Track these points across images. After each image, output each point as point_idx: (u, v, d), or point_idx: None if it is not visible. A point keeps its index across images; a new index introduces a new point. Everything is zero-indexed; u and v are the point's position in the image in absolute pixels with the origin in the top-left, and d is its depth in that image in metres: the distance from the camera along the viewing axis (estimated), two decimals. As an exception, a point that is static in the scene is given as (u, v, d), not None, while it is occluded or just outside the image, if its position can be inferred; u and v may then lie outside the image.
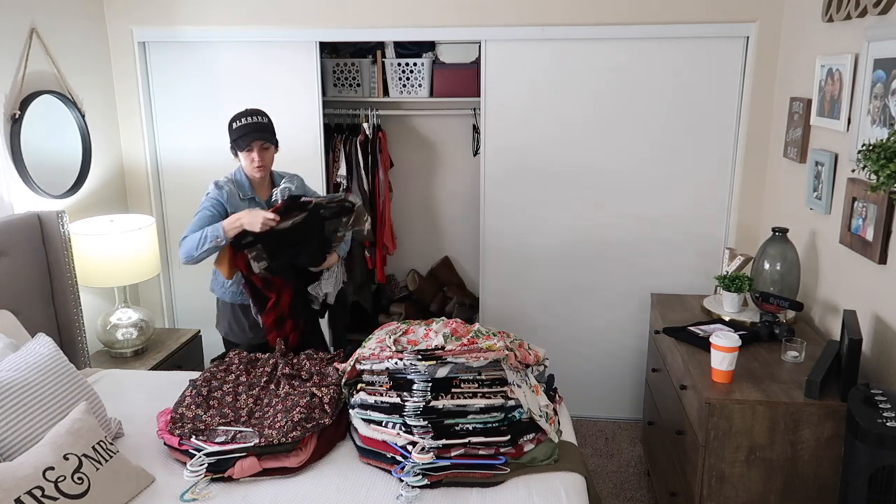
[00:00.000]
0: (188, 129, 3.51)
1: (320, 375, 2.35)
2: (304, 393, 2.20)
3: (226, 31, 3.33)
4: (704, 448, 2.15)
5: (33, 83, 2.85)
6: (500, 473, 2.01)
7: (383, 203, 3.87)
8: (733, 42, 3.14)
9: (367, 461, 2.09)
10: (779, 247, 2.61)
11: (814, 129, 2.67)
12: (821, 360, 2.20)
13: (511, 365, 2.17)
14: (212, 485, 1.97)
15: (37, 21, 2.87)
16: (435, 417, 2.04)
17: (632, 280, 3.44)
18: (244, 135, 2.64)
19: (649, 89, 3.23)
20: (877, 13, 2.15)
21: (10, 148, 2.73)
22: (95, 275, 2.94)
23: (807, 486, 2.13)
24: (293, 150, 3.47)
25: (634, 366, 3.54)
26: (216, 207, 2.66)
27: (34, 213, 2.75)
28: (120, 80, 3.43)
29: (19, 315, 2.54)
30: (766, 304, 2.56)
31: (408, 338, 2.27)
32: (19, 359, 2.09)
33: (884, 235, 2.09)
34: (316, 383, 2.27)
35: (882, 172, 1.68)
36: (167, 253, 3.67)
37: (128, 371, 2.82)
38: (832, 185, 2.47)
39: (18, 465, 1.73)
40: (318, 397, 2.19)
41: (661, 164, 3.30)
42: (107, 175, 3.40)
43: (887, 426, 1.67)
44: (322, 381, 2.29)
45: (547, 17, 3.17)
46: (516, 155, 3.36)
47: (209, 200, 2.68)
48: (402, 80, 3.66)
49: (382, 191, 3.86)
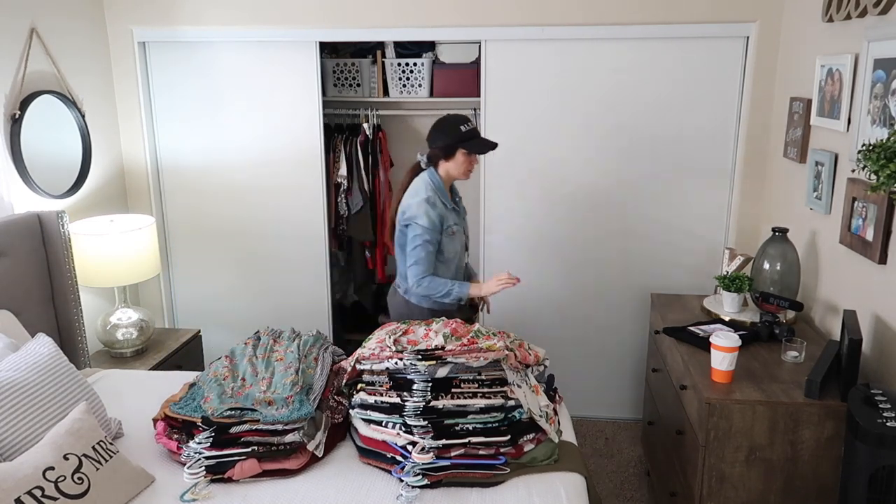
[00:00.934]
0: (188, 129, 3.51)
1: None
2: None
3: (226, 31, 3.33)
4: (704, 448, 2.15)
5: (33, 83, 2.85)
6: (500, 473, 2.01)
7: (383, 203, 3.87)
8: (733, 42, 3.14)
9: (367, 461, 2.09)
10: (779, 247, 2.61)
11: (814, 129, 2.67)
12: (821, 360, 2.19)
13: (511, 365, 2.17)
14: (211, 485, 1.97)
15: (37, 21, 2.87)
16: (435, 417, 2.04)
17: (632, 280, 3.44)
18: (480, 141, 2.66)
19: (649, 89, 3.23)
20: (877, 13, 2.15)
21: (10, 148, 2.73)
22: (95, 275, 2.94)
23: (807, 486, 2.13)
24: (294, 151, 3.48)
25: (634, 366, 3.54)
26: (436, 234, 2.61)
27: (34, 213, 2.75)
28: (120, 80, 3.43)
29: (19, 315, 2.54)
30: (766, 304, 2.56)
31: (408, 338, 2.27)
32: (19, 359, 2.09)
33: (884, 235, 2.09)
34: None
35: (882, 172, 1.68)
36: (167, 253, 3.67)
37: (128, 371, 2.82)
38: (832, 185, 2.47)
39: (18, 465, 1.72)
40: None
41: (661, 163, 3.30)
42: (107, 175, 3.40)
43: (887, 426, 1.67)
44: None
45: (547, 17, 3.17)
46: (516, 155, 3.36)
47: (429, 233, 2.58)
48: (402, 80, 3.66)
49: (383, 191, 3.86)
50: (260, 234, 3.60)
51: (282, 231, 3.58)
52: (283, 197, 3.53)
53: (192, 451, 2.01)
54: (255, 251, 3.63)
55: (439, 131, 2.65)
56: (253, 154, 3.50)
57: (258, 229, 3.60)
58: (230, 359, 2.37)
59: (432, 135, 2.67)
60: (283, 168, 3.50)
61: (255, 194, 3.55)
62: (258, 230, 3.60)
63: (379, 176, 3.83)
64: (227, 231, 3.62)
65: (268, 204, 3.55)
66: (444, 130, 2.64)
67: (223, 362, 2.35)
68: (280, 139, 3.48)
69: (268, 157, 3.50)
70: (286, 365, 2.28)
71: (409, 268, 2.63)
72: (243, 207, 3.57)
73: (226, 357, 2.38)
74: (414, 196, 2.63)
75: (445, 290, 2.62)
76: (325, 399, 2.23)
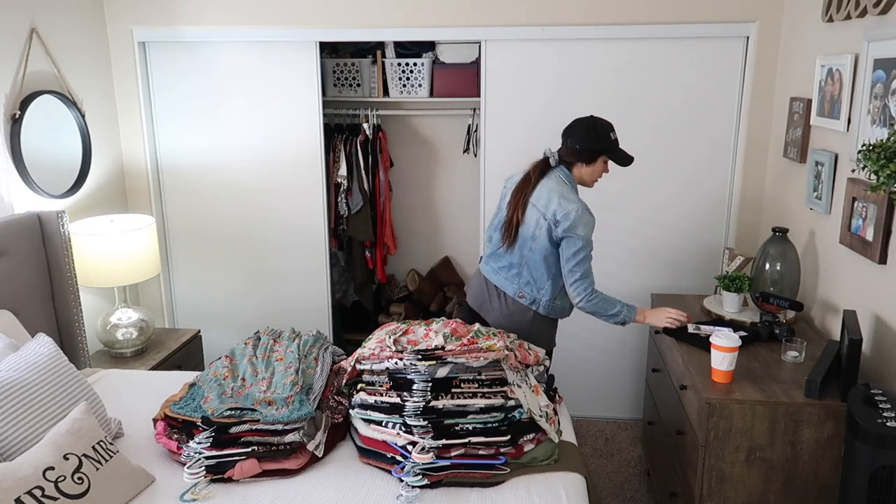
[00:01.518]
0: (188, 129, 3.51)
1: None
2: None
3: (226, 31, 3.33)
4: (704, 448, 2.15)
5: (33, 83, 2.85)
6: (500, 473, 2.01)
7: (383, 203, 3.87)
8: (733, 42, 3.14)
9: (367, 461, 2.09)
10: (779, 247, 2.61)
11: (814, 129, 2.67)
12: (821, 360, 2.20)
13: (511, 365, 2.17)
14: (211, 485, 1.97)
15: (37, 21, 2.87)
16: (435, 417, 2.04)
17: (632, 280, 3.44)
18: (624, 153, 2.50)
19: (649, 89, 3.23)
20: (877, 13, 2.15)
21: (10, 148, 2.73)
22: (95, 275, 2.94)
23: (807, 486, 2.13)
24: (294, 151, 3.48)
25: (634, 366, 3.54)
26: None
27: (34, 213, 2.75)
28: (120, 80, 3.43)
29: (19, 315, 2.54)
30: (766, 304, 2.56)
31: (408, 338, 2.27)
32: (19, 359, 2.09)
33: (884, 235, 2.09)
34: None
35: (882, 172, 1.68)
36: (167, 253, 3.67)
37: (128, 371, 2.82)
38: (832, 185, 2.47)
39: (18, 465, 1.72)
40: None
41: (661, 163, 3.30)
42: (107, 175, 3.40)
43: (887, 426, 1.67)
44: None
45: (547, 17, 3.17)
46: (516, 155, 3.35)
47: (590, 244, 2.42)
48: (402, 80, 3.66)
49: (383, 191, 3.86)
50: (260, 234, 3.60)
51: (282, 231, 3.58)
52: (283, 197, 3.53)
53: (192, 451, 2.01)
54: (255, 251, 3.63)
55: (590, 133, 2.45)
56: (253, 154, 3.50)
57: (258, 229, 3.60)
58: (230, 359, 2.37)
59: (575, 135, 2.47)
60: (283, 168, 3.50)
61: (255, 194, 3.55)
62: (258, 230, 3.60)
63: (379, 176, 3.83)
64: (227, 231, 3.62)
65: (268, 204, 3.55)
66: (595, 134, 2.45)
67: (223, 362, 2.35)
68: (280, 139, 3.48)
69: (268, 157, 3.50)
70: (286, 365, 2.28)
71: (577, 282, 2.40)
72: (243, 207, 3.57)
73: (226, 357, 2.38)
74: (569, 201, 2.40)
75: (616, 310, 2.44)
76: (325, 399, 2.24)
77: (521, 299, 2.54)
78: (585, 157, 2.47)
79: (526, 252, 2.49)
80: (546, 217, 2.42)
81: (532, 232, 2.46)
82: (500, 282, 2.58)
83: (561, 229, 2.39)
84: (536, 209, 2.45)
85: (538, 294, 2.52)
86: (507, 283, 2.56)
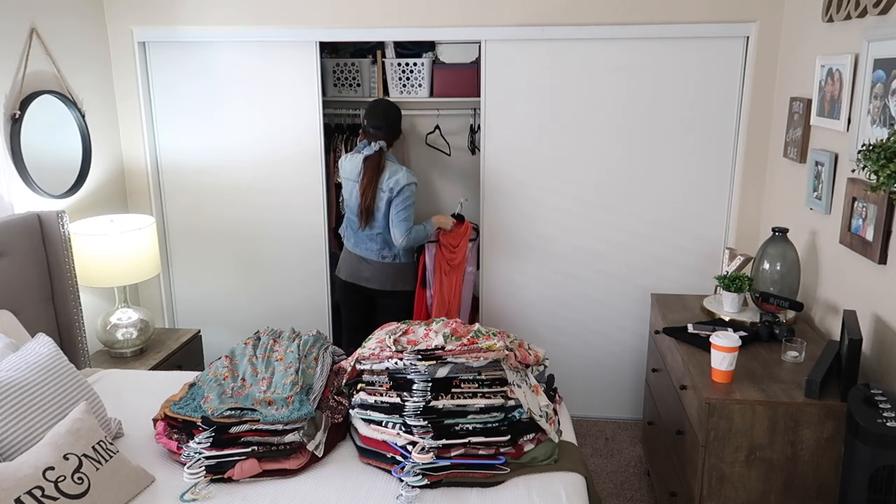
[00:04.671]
0: (188, 129, 3.51)
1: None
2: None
3: (226, 31, 3.33)
4: (704, 448, 2.15)
5: (33, 83, 2.85)
6: (500, 473, 2.01)
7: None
8: (733, 42, 3.14)
9: (367, 461, 2.09)
10: (779, 247, 2.61)
11: (814, 129, 2.67)
12: (821, 360, 2.20)
13: (511, 365, 2.17)
14: (211, 485, 1.97)
15: (37, 21, 2.87)
16: (435, 417, 2.04)
17: (632, 280, 3.44)
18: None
19: (649, 89, 3.23)
20: (877, 13, 2.15)
21: (10, 148, 2.73)
22: (95, 275, 2.94)
23: (807, 486, 2.13)
24: (294, 150, 3.48)
25: (634, 366, 3.54)
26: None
27: (34, 213, 2.75)
28: (120, 80, 3.43)
29: (19, 315, 2.54)
30: (766, 304, 2.56)
31: (408, 338, 2.27)
32: (19, 359, 2.09)
33: (884, 235, 2.09)
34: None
35: (882, 172, 1.68)
36: (167, 253, 3.67)
37: (128, 371, 2.82)
38: (832, 185, 2.47)
39: (18, 465, 1.72)
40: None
41: (661, 163, 3.30)
42: (107, 175, 3.40)
43: (887, 426, 1.67)
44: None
45: (547, 17, 3.17)
46: (516, 155, 3.36)
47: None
48: (402, 80, 3.65)
49: (382, 191, 3.86)
50: (260, 233, 3.61)
51: (282, 231, 3.58)
52: (284, 197, 3.53)
53: (192, 451, 2.01)
54: (255, 251, 3.63)
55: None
56: (253, 154, 3.50)
57: (258, 229, 3.60)
58: (230, 359, 2.38)
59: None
60: (284, 168, 3.50)
61: (255, 194, 3.55)
62: (258, 230, 3.60)
63: (379, 176, 3.83)
64: (227, 231, 3.62)
65: (268, 204, 3.55)
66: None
67: (223, 362, 2.35)
68: (280, 139, 3.48)
69: (268, 157, 3.50)
70: (286, 365, 2.29)
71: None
72: (243, 207, 3.58)
73: (226, 357, 2.38)
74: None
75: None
76: (325, 399, 2.24)
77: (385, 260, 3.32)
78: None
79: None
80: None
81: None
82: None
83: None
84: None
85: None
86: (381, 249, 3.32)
